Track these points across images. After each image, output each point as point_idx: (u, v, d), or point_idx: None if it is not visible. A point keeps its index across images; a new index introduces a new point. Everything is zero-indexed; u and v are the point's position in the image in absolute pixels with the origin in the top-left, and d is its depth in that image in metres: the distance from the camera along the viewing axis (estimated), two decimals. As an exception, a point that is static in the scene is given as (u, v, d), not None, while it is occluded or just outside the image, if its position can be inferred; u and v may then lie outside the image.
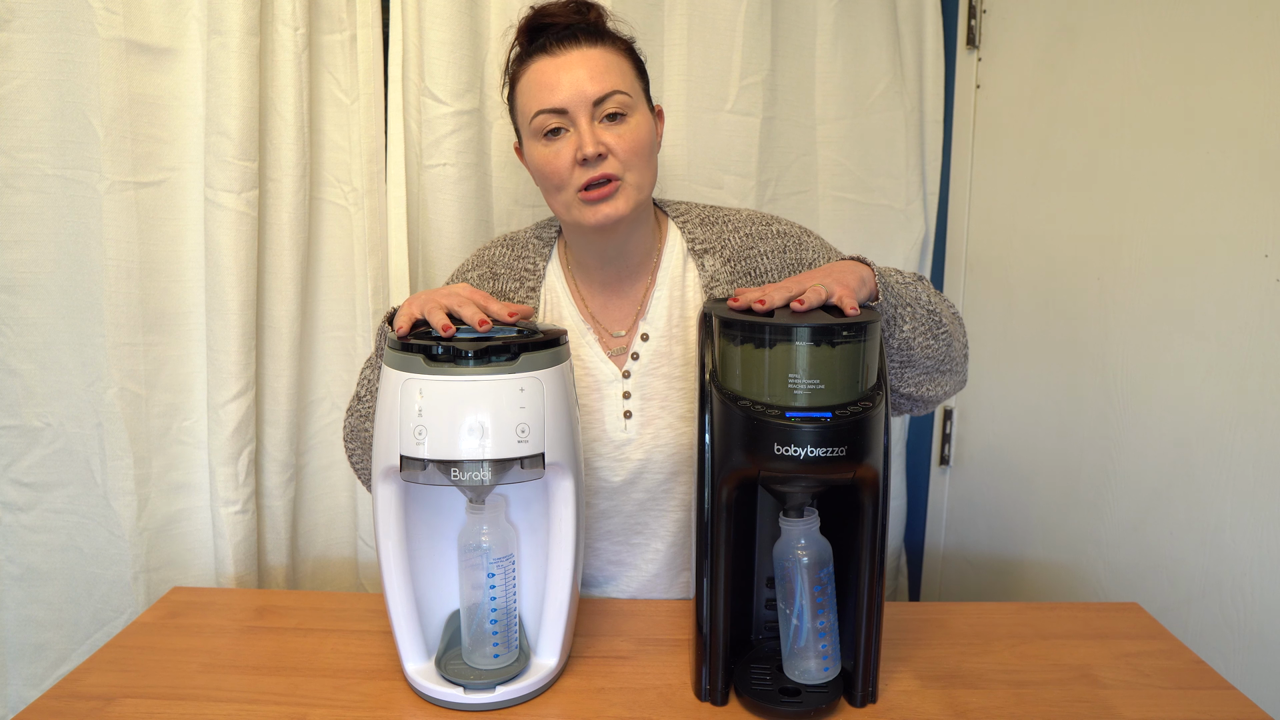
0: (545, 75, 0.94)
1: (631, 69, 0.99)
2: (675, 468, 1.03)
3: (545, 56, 0.95)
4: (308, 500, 1.41)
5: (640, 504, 1.05)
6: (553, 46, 0.95)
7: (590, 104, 0.93)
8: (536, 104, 0.94)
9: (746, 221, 1.06)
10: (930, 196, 1.54)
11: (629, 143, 0.94)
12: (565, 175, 0.94)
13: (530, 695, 0.83)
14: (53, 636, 1.30)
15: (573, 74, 0.93)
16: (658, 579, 1.07)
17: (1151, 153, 1.19)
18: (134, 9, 1.19)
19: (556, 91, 0.93)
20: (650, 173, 0.98)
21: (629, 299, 1.05)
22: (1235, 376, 1.09)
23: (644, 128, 0.96)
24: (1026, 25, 1.43)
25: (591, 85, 0.93)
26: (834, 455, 0.73)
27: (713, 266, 1.03)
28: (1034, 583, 1.43)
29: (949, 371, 0.99)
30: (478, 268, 1.10)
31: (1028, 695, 0.83)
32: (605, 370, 1.03)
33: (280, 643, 0.93)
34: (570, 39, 0.95)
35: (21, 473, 1.26)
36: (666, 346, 1.03)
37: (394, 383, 0.78)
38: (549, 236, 1.09)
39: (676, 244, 1.06)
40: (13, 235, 1.21)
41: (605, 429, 1.03)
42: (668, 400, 1.03)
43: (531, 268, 1.07)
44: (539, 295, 1.06)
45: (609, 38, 0.98)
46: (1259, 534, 1.07)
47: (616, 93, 0.94)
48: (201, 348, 1.29)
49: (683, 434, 1.02)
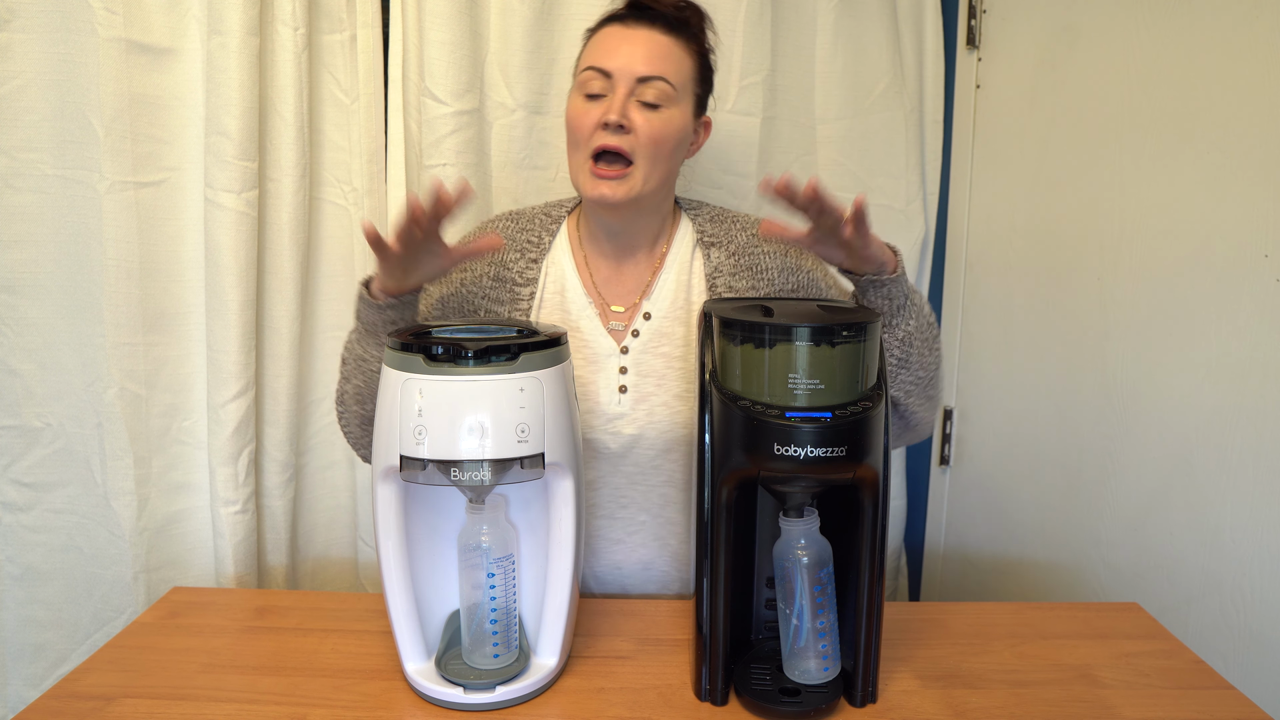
0: (609, 39, 1.00)
1: (693, 71, 1.03)
2: (666, 445, 1.04)
3: (619, 24, 1.01)
4: (308, 500, 1.41)
5: (629, 477, 1.06)
6: (629, 19, 1.01)
7: (634, 80, 0.97)
8: (590, 60, 1.00)
9: (754, 224, 1.11)
10: (930, 196, 1.54)
11: (653, 130, 0.98)
12: (587, 134, 0.98)
13: (530, 695, 0.83)
14: (53, 636, 1.30)
15: (632, 48, 0.98)
16: (642, 549, 1.08)
17: (1151, 153, 1.19)
18: (134, 9, 1.19)
19: (611, 57, 0.98)
20: (663, 169, 1.01)
21: (635, 277, 1.09)
22: (1235, 376, 1.09)
23: (674, 124, 1.00)
24: (1026, 25, 1.43)
25: (642, 64, 0.97)
26: (834, 455, 0.73)
27: (717, 258, 1.07)
28: (1034, 583, 1.43)
29: (931, 398, 1.03)
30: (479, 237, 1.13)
31: (1028, 695, 0.83)
32: (604, 344, 1.06)
33: (280, 643, 0.93)
34: (649, 19, 1.00)
35: (21, 473, 1.26)
36: (668, 327, 1.06)
37: (394, 383, 0.78)
38: (558, 214, 1.13)
39: (688, 233, 1.11)
40: (13, 235, 1.21)
41: (599, 401, 1.05)
42: (664, 379, 1.04)
43: (535, 240, 1.10)
44: (540, 267, 1.08)
45: (684, 32, 1.02)
46: (1259, 534, 1.07)
47: (662, 80, 0.98)
48: (201, 348, 1.29)
49: (677, 412, 1.04)
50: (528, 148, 1.37)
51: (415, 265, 0.92)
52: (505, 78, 1.34)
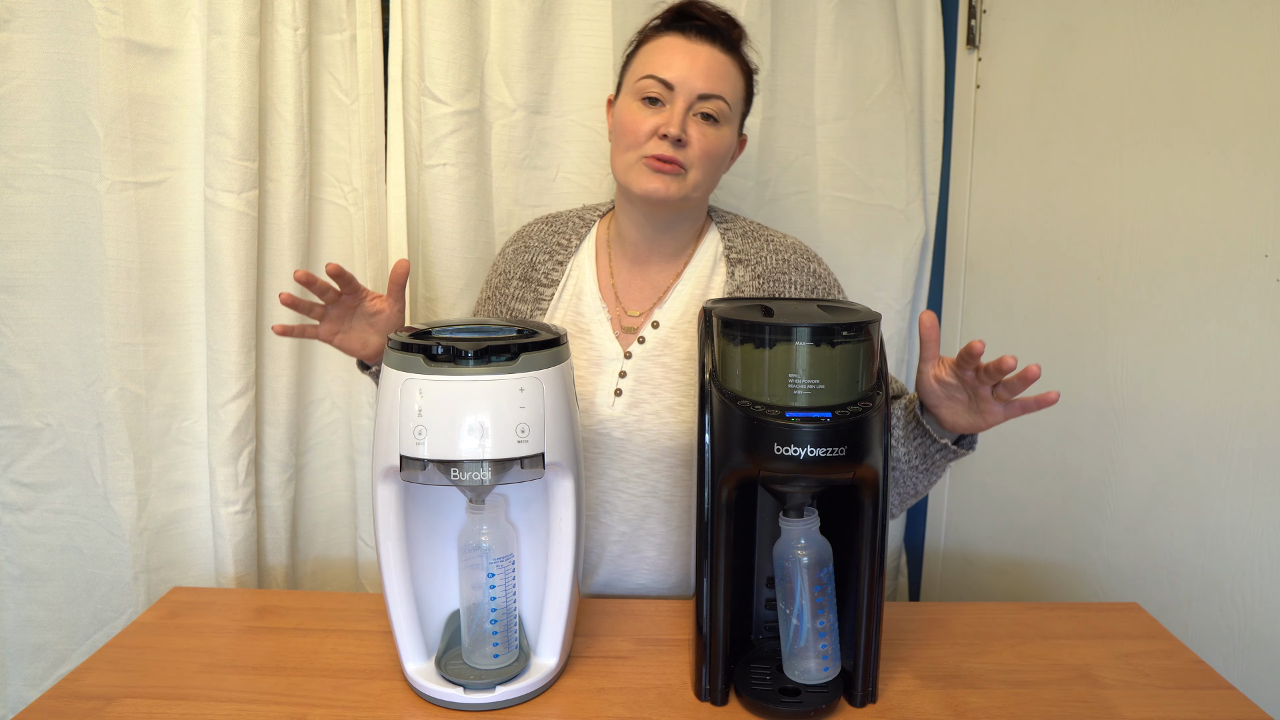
0: (672, 49, 1.02)
1: (743, 89, 1.07)
2: (652, 454, 1.04)
3: (680, 36, 1.03)
4: (308, 500, 1.41)
5: (614, 481, 1.06)
6: (691, 33, 1.03)
7: (695, 95, 1.00)
8: (651, 68, 1.01)
9: (789, 249, 1.11)
10: (930, 196, 1.54)
11: (708, 144, 1.01)
12: (641, 139, 1.00)
13: (530, 695, 0.83)
14: (53, 637, 1.30)
15: (695, 62, 1.00)
16: (620, 558, 1.08)
17: (1151, 153, 1.19)
18: (134, 9, 1.19)
19: (674, 68, 1.00)
20: (710, 181, 1.05)
21: (654, 282, 1.10)
22: (1235, 377, 1.09)
23: (725, 141, 1.04)
24: (1026, 25, 1.43)
25: (704, 80, 1.00)
26: (834, 455, 0.73)
27: (741, 277, 1.07)
28: (1034, 583, 1.43)
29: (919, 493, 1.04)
30: (515, 242, 1.17)
31: (1028, 695, 0.83)
32: (610, 348, 1.07)
33: (280, 643, 0.93)
34: (708, 36, 1.03)
35: (21, 473, 1.26)
36: (674, 339, 1.06)
37: (394, 383, 0.78)
38: (591, 218, 1.15)
39: (712, 246, 1.11)
40: (13, 235, 1.20)
41: (594, 403, 1.05)
42: (660, 388, 1.04)
43: (564, 242, 1.13)
44: (565, 269, 1.11)
45: (738, 53, 1.06)
46: (1259, 534, 1.07)
47: (720, 98, 1.01)
48: (201, 348, 1.29)
49: (667, 423, 1.03)
50: (528, 148, 1.37)
51: (355, 330, 1.02)
52: (505, 78, 1.34)
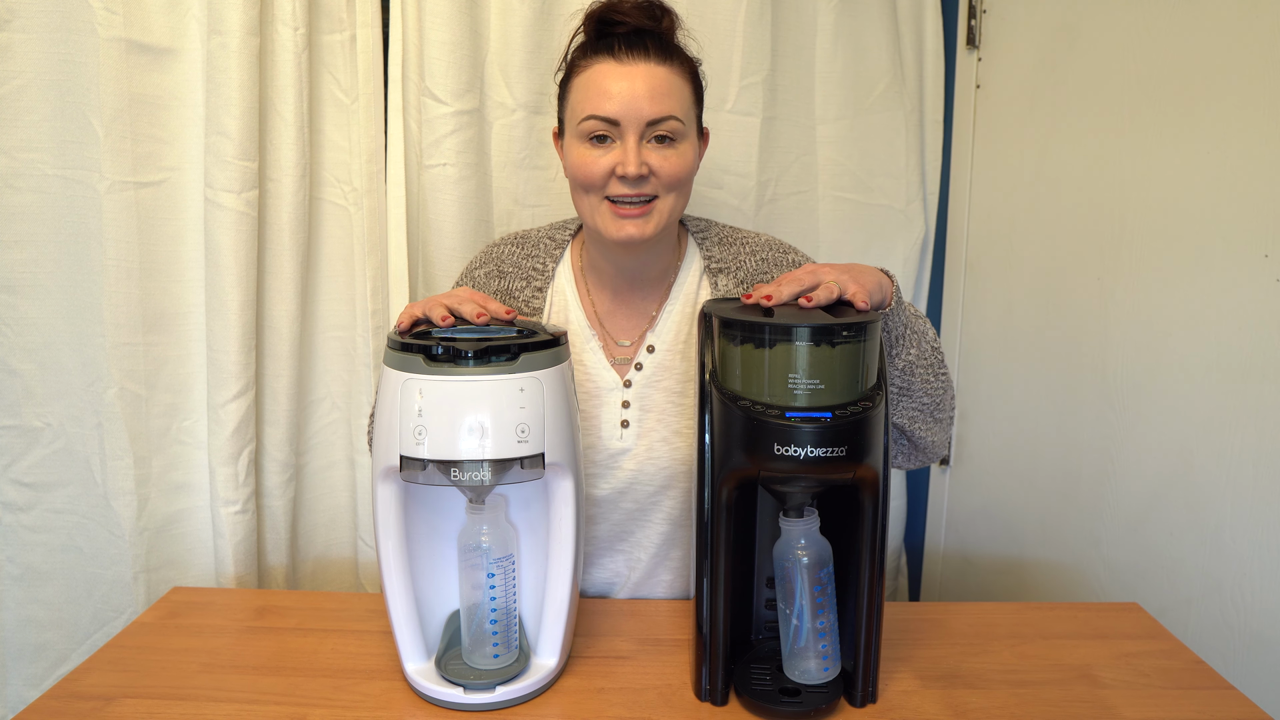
0: (606, 80, 0.92)
1: (691, 93, 0.98)
2: (665, 481, 1.03)
3: (611, 60, 0.93)
4: (308, 500, 1.41)
5: (629, 514, 1.05)
6: (620, 51, 0.93)
7: (643, 123, 0.92)
8: (590, 107, 0.93)
9: (764, 247, 1.07)
10: (930, 196, 1.54)
11: (673, 168, 0.94)
12: (600, 182, 0.94)
13: (530, 695, 0.83)
14: (53, 636, 1.30)
15: (633, 88, 0.91)
16: (639, 586, 1.08)
17: (1151, 152, 1.19)
18: (134, 9, 1.19)
19: (614, 100, 0.91)
20: (684, 200, 0.98)
21: (640, 310, 1.06)
22: (1235, 377, 1.09)
23: (689, 155, 0.96)
24: (1026, 25, 1.43)
25: (649, 105, 0.91)
26: (834, 455, 0.73)
27: (725, 286, 1.04)
28: (1034, 583, 1.43)
29: (939, 421, 0.99)
30: (485, 265, 1.10)
31: (1028, 695, 0.83)
32: (607, 378, 1.03)
33: (280, 643, 0.93)
34: (640, 49, 0.93)
35: (21, 473, 1.26)
36: (670, 361, 1.03)
37: (394, 383, 0.78)
38: (562, 239, 1.09)
39: (695, 262, 1.07)
40: (13, 235, 1.21)
41: (601, 436, 1.03)
42: (665, 414, 1.03)
43: (540, 267, 1.07)
44: (546, 296, 1.06)
45: (677, 56, 0.96)
46: (1259, 534, 1.07)
47: (671, 118, 0.93)
48: (201, 348, 1.29)
49: (677, 448, 1.02)
50: (528, 148, 1.37)
51: None
52: (505, 78, 1.34)
